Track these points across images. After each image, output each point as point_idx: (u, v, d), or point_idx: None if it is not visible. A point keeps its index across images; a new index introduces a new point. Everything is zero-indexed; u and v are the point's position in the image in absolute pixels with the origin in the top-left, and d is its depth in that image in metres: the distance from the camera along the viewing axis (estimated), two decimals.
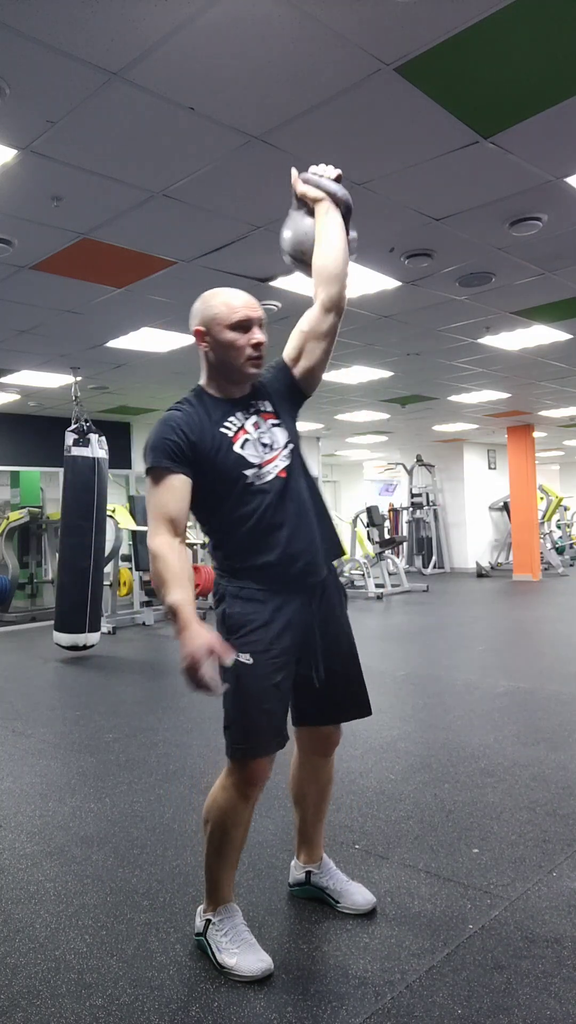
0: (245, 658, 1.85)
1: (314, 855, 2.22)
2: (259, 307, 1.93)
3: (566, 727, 3.87)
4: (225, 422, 1.91)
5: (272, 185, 3.27)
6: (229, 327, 1.87)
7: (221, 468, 1.88)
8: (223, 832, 1.92)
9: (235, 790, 1.90)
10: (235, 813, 1.91)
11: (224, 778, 1.94)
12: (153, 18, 2.17)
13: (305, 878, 2.22)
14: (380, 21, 2.22)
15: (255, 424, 1.95)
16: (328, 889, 2.18)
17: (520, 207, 3.61)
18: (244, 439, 1.91)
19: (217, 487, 1.89)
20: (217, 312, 1.89)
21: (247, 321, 1.88)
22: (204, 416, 1.90)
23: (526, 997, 1.76)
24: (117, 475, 10.09)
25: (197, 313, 1.93)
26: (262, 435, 1.94)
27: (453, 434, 12.66)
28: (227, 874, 1.97)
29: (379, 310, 5.26)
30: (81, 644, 6.27)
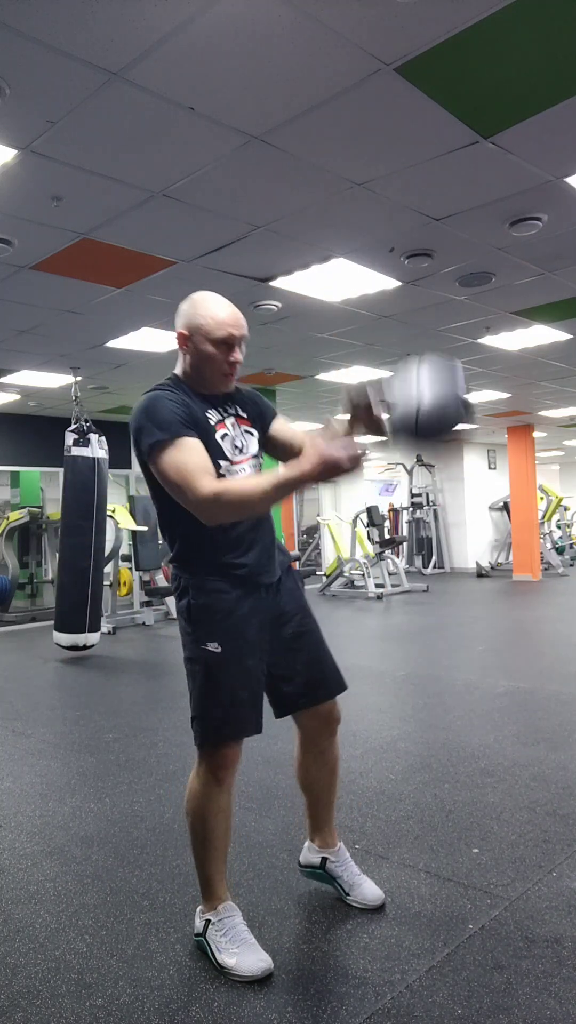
0: (213, 647, 1.89)
1: (329, 840, 2.22)
2: (244, 325, 1.94)
3: (566, 727, 3.87)
4: (207, 411, 1.94)
5: (272, 185, 3.28)
6: (212, 342, 1.89)
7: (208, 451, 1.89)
8: (203, 821, 1.93)
9: (208, 775, 1.92)
10: (212, 799, 1.92)
11: (196, 767, 1.96)
12: (153, 18, 2.17)
13: (320, 863, 2.22)
14: (380, 21, 2.22)
15: (232, 424, 1.99)
16: (340, 879, 2.19)
17: (520, 207, 3.61)
18: (223, 432, 1.95)
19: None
20: (203, 324, 1.90)
21: (230, 339, 1.90)
22: (188, 400, 1.92)
23: (526, 997, 1.76)
24: (117, 475, 10.08)
25: (183, 315, 1.94)
26: (236, 437, 1.98)
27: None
28: (217, 868, 1.96)
29: (379, 310, 5.26)
30: (81, 644, 6.27)
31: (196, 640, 1.92)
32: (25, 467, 9.98)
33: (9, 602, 9.31)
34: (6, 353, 6.27)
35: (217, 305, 1.92)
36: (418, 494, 13.94)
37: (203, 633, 1.91)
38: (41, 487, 10.93)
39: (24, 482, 10.87)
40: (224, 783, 1.93)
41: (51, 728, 4.23)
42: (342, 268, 4.36)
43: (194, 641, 1.93)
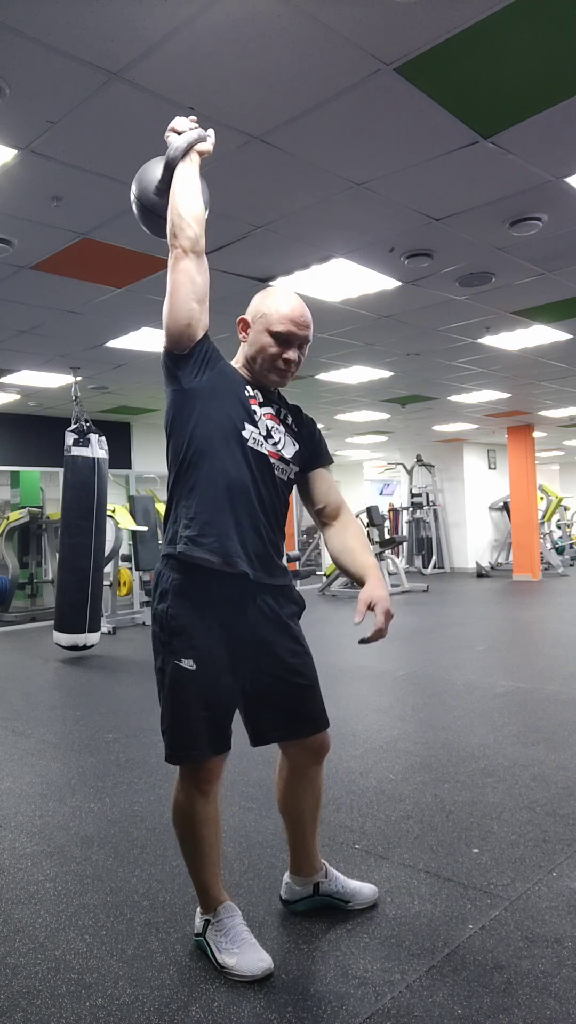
0: (187, 663, 1.81)
1: (316, 864, 2.15)
2: (308, 326, 1.92)
3: (566, 727, 3.87)
4: (247, 388, 1.92)
5: (272, 185, 3.28)
6: (271, 332, 1.88)
7: (229, 407, 1.87)
8: (192, 831, 1.91)
9: (191, 787, 1.89)
10: (198, 810, 1.89)
11: (178, 780, 1.93)
12: (153, 18, 2.17)
13: (314, 890, 2.14)
14: (380, 21, 2.22)
15: (271, 416, 1.94)
16: (338, 894, 2.15)
17: (520, 207, 3.61)
18: (258, 410, 1.91)
19: (213, 431, 1.84)
20: (267, 312, 1.89)
21: (289, 336, 1.89)
22: (229, 371, 1.92)
23: (526, 997, 1.76)
24: (117, 475, 10.09)
25: (251, 304, 1.96)
26: (274, 428, 1.93)
27: (453, 434, 12.66)
28: (211, 875, 1.94)
29: (379, 310, 5.26)
30: (81, 644, 6.27)
31: (172, 652, 1.83)
32: (25, 467, 9.98)
33: (9, 602, 9.31)
34: (6, 353, 6.27)
35: (286, 299, 1.91)
36: (418, 494, 13.94)
37: (179, 646, 1.82)
38: (41, 487, 10.93)
39: (24, 482, 10.87)
40: (209, 794, 1.89)
41: (51, 728, 4.23)
42: (342, 268, 4.36)
43: (169, 652, 1.84)
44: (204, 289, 1.84)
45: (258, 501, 1.88)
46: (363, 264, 4.31)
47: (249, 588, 1.88)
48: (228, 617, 1.86)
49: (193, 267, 1.81)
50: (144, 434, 10.71)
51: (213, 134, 1.93)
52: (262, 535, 1.89)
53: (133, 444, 10.60)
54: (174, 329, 1.82)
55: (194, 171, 1.87)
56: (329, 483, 2.07)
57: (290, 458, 1.95)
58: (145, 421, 10.46)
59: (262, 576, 1.89)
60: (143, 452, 10.70)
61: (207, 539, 1.82)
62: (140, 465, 10.67)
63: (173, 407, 1.90)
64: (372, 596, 1.85)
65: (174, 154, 1.88)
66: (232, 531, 1.83)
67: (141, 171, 2.02)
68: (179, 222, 1.81)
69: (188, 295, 1.81)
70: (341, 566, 2.00)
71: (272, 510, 1.93)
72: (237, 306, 2.78)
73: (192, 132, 1.90)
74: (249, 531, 1.86)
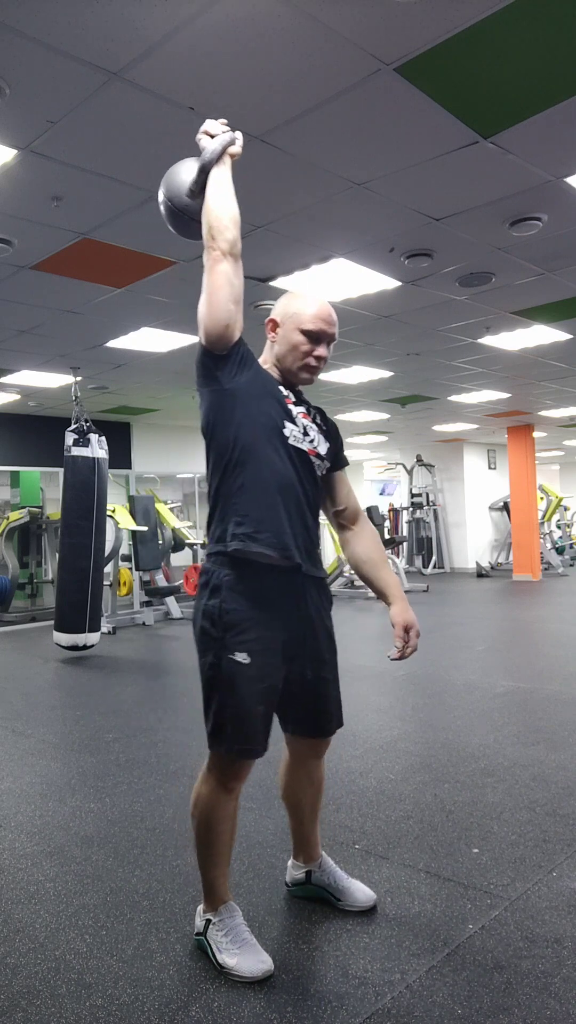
0: (241, 657, 1.84)
1: (313, 854, 2.22)
2: (335, 324, 2.01)
3: (566, 727, 3.87)
4: (281, 387, 1.99)
5: (272, 185, 3.27)
6: (302, 331, 1.95)
7: (269, 406, 1.93)
8: (208, 827, 1.92)
9: (217, 783, 1.90)
10: (219, 806, 1.90)
11: (205, 772, 1.93)
12: (153, 18, 2.17)
13: (306, 877, 2.22)
14: (380, 21, 2.22)
15: (304, 415, 2.01)
16: (329, 887, 2.19)
17: (520, 207, 3.61)
18: (294, 409, 1.98)
19: (257, 430, 1.90)
20: (297, 312, 1.97)
21: (320, 334, 1.96)
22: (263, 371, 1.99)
23: (526, 997, 1.76)
24: (117, 475, 10.08)
25: (278, 305, 2.04)
26: (308, 427, 2.00)
27: (453, 434, 12.66)
28: (220, 871, 1.95)
29: (379, 310, 5.26)
30: (81, 644, 6.27)
31: (224, 646, 1.85)
32: (25, 467, 9.98)
33: (9, 602, 9.31)
34: (6, 353, 6.26)
35: (315, 300, 1.99)
36: (418, 494, 13.94)
37: (233, 640, 1.84)
38: (41, 487, 10.93)
39: (24, 482, 10.87)
40: (233, 792, 1.91)
41: (51, 728, 4.23)
42: (342, 268, 4.35)
43: (222, 647, 1.85)
44: (240, 290, 1.88)
45: (304, 496, 1.95)
46: (363, 264, 4.30)
47: (300, 581, 1.95)
48: (281, 610, 1.92)
49: (231, 269, 1.85)
50: (144, 434, 10.72)
51: (241, 136, 1.97)
52: (308, 528, 1.97)
53: (133, 444, 10.60)
54: (214, 330, 1.85)
55: (228, 174, 1.92)
56: (349, 486, 2.15)
57: (324, 455, 2.03)
58: (145, 421, 10.46)
59: (310, 568, 1.97)
60: (143, 452, 10.70)
61: (263, 535, 1.87)
62: (140, 465, 10.67)
63: (212, 408, 1.94)
64: (407, 621, 2.00)
65: (210, 157, 1.91)
66: (286, 526, 1.90)
67: (169, 174, 2.04)
68: (217, 225, 1.86)
69: (227, 296, 1.84)
70: (362, 575, 2.10)
71: (315, 504, 2.01)
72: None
73: (225, 135, 1.93)
74: (298, 525, 1.93)
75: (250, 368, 1.92)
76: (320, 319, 1.96)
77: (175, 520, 9.60)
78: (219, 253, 1.84)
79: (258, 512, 1.88)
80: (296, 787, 2.15)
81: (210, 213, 1.88)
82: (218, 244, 1.85)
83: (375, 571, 2.06)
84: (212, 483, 1.95)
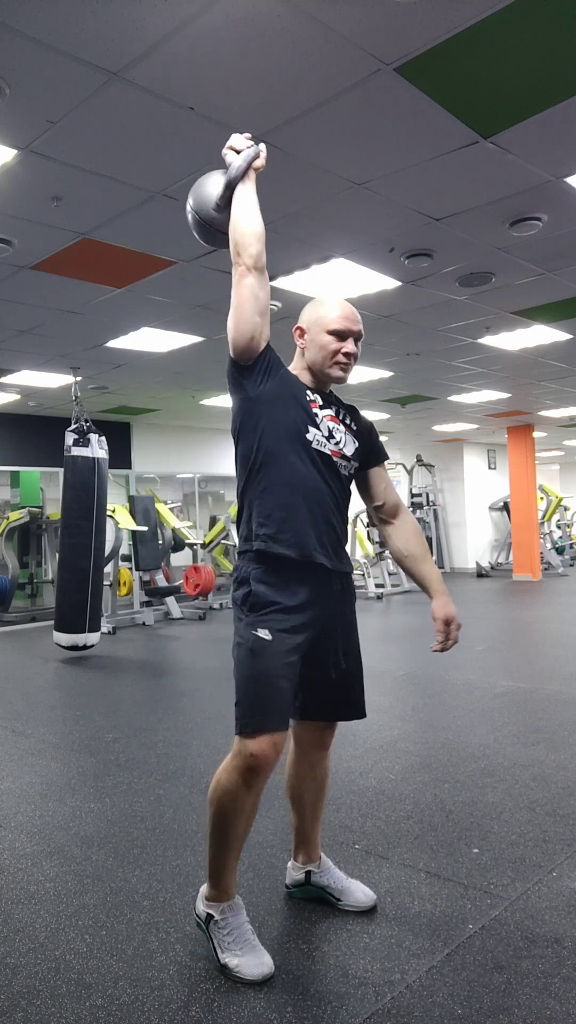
0: (264, 633, 1.90)
1: (313, 855, 2.22)
2: (359, 321, 2.09)
3: (566, 727, 3.87)
4: (308, 392, 2.04)
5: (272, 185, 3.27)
6: (328, 331, 2.03)
7: (293, 412, 1.98)
8: (224, 818, 1.92)
9: (238, 775, 1.89)
10: (237, 798, 1.90)
11: (230, 760, 1.93)
12: (153, 18, 2.17)
13: (305, 878, 2.22)
14: (380, 21, 2.22)
15: (331, 417, 2.06)
16: (329, 888, 2.19)
17: (520, 207, 3.61)
18: (319, 413, 2.03)
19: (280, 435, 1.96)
20: (321, 315, 2.05)
21: (346, 332, 2.04)
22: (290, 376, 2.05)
23: (526, 997, 1.76)
24: (117, 475, 10.09)
25: (304, 314, 2.11)
26: (335, 429, 2.05)
27: (453, 434, 12.67)
28: (229, 862, 1.96)
29: (379, 310, 5.26)
30: (81, 644, 6.27)
31: (249, 624, 1.93)
32: (25, 467, 9.98)
33: (9, 602, 9.31)
34: (6, 353, 6.26)
35: (337, 302, 2.08)
36: (418, 494, 13.94)
37: (256, 619, 1.92)
38: (41, 487, 10.93)
39: (24, 482, 10.87)
40: (253, 788, 1.91)
41: (51, 728, 4.23)
42: (342, 268, 4.36)
43: (247, 625, 1.93)
44: (266, 303, 1.95)
45: (329, 496, 2.01)
46: (363, 264, 4.30)
47: (325, 574, 2.01)
48: (305, 600, 1.97)
49: (256, 283, 1.92)
50: (144, 434, 10.71)
51: (265, 149, 2.02)
52: (334, 527, 2.03)
53: (133, 444, 10.60)
54: (240, 342, 1.93)
55: (252, 189, 1.99)
56: (387, 481, 2.20)
57: (351, 455, 2.08)
58: (145, 421, 10.46)
59: (336, 564, 2.03)
60: (143, 452, 10.70)
61: (284, 535, 1.95)
62: (140, 465, 10.67)
63: (240, 414, 2.02)
64: (448, 615, 2.08)
65: (236, 174, 1.97)
66: (307, 527, 1.96)
67: (197, 185, 2.10)
68: (242, 240, 1.94)
69: (252, 310, 1.91)
70: (405, 568, 2.18)
71: (341, 503, 2.07)
72: None
73: (250, 150, 1.99)
74: (323, 524, 1.99)
75: (275, 375, 1.99)
76: (344, 318, 2.04)
77: (175, 520, 9.60)
78: (244, 268, 1.92)
79: (281, 513, 1.95)
80: (300, 780, 2.18)
81: (236, 229, 1.96)
82: (243, 260, 1.92)
83: (417, 565, 2.14)
84: (239, 485, 2.05)
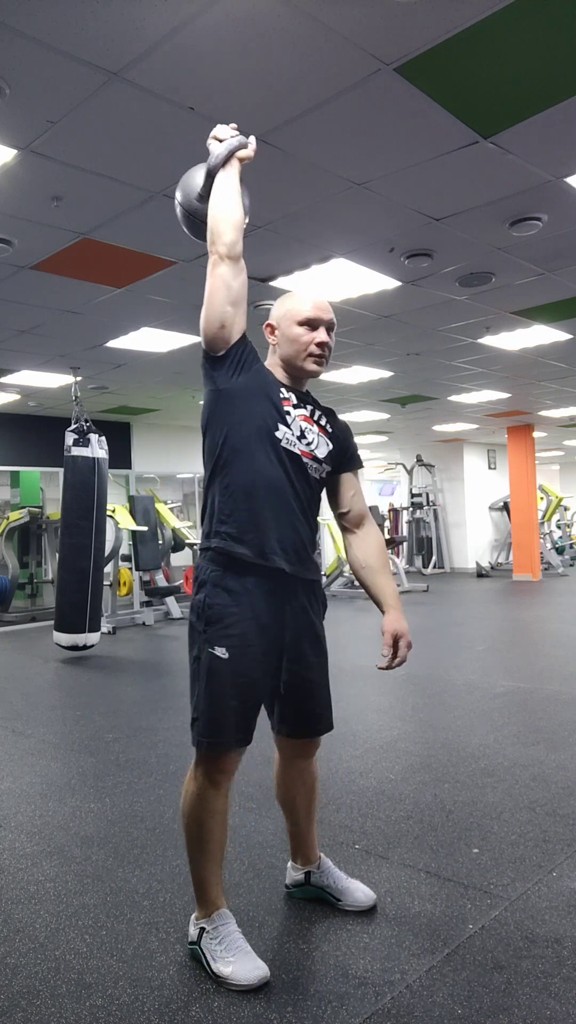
0: (221, 652, 1.86)
1: (311, 856, 2.21)
2: (330, 310, 2.02)
3: (566, 727, 3.87)
4: (282, 390, 1.99)
5: (272, 185, 3.27)
6: (297, 323, 1.97)
7: (263, 408, 1.93)
8: (199, 824, 1.91)
9: (204, 778, 1.90)
10: (207, 801, 1.89)
11: (193, 767, 1.94)
12: (153, 18, 2.17)
13: (305, 879, 2.21)
14: (380, 21, 2.22)
15: (305, 417, 2.00)
16: (329, 888, 2.18)
17: (520, 207, 3.61)
18: (291, 412, 1.97)
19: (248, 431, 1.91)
20: (290, 308, 2.00)
21: (315, 320, 1.98)
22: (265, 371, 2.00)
23: (526, 997, 1.76)
24: (117, 475, 10.08)
25: (273, 310, 2.06)
26: (307, 429, 2.00)
27: (453, 434, 12.66)
28: (212, 872, 1.94)
29: (379, 310, 5.26)
30: (81, 644, 6.27)
31: (207, 640, 1.88)
32: (25, 467, 9.98)
33: (9, 602, 9.31)
34: (6, 353, 6.26)
35: (304, 295, 2.03)
36: (418, 494, 13.94)
37: (214, 635, 1.87)
38: (41, 487, 10.93)
39: (24, 482, 10.86)
40: (221, 787, 1.90)
41: (51, 728, 4.23)
42: (342, 268, 4.35)
43: (204, 641, 1.89)
44: (240, 293, 1.90)
45: (294, 498, 1.94)
46: (363, 264, 4.30)
47: (285, 582, 1.94)
48: (263, 609, 1.91)
49: (229, 272, 1.87)
50: (144, 434, 10.71)
51: (254, 140, 1.98)
52: (298, 530, 1.95)
53: (133, 444, 10.60)
54: (209, 331, 1.90)
55: (234, 178, 1.93)
56: (356, 489, 2.13)
57: (323, 458, 2.02)
58: (145, 421, 10.46)
59: (298, 570, 1.96)
60: (143, 452, 10.70)
61: (244, 535, 1.90)
62: (140, 465, 10.67)
63: (209, 406, 1.98)
64: (397, 631, 1.98)
65: (215, 162, 1.94)
66: (268, 527, 1.90)
67: (185, 177, 2.08)
68: (218, 227, 1.89)
69: (223, 299, 1.87)
70: (360, 581, 2.09)
71: (308, 507, 2.00)
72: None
73: (233, 139, 1.95)
74: (286, 527, 1.93)
75: (249, 370, 1.94)
76: (315, 307, 1.98)
77: (175, 520, 9.60)
78: (218, 256, 1.87)
79: (241, 513, 1.90)
80: (288, 787, 2.15)
81: (212, 216, 1.91)
82: (217, 247, 1.87)
83: (372, 577, 2.04)
84: (205, 480, 2.00)
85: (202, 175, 2.00)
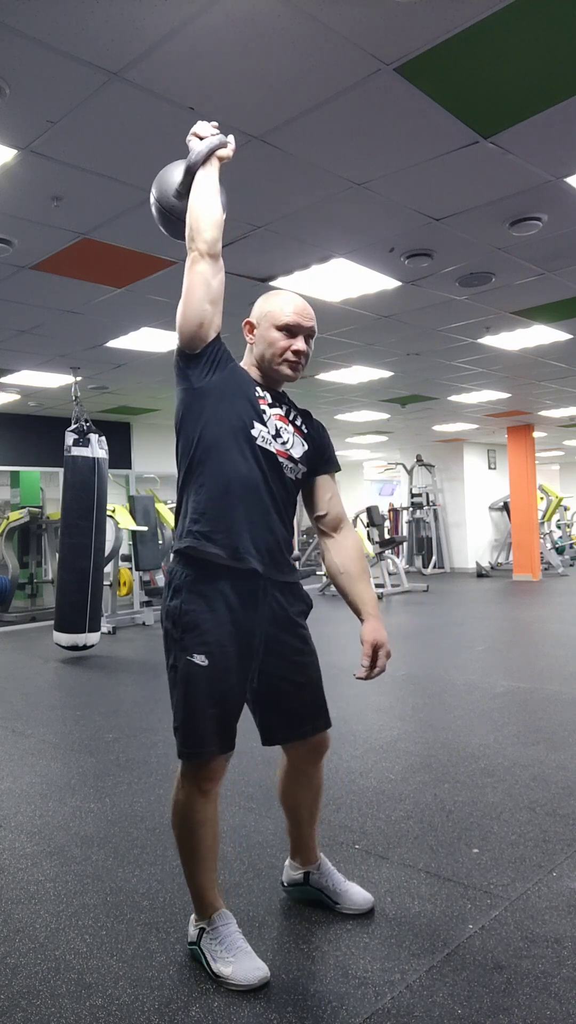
0: (199, 659, 1.84)
1: (311, 857, 2.20)
2: (312, 318, 1.99)
3: (566, 727, 3.87)
4: (258, 389, 1.97)
5: (272, 185, 3.28)
6: (277, 327, 1.94)
7: (239, 406, 1.91)
8: (190, 832, 1.90)
9: (191, 786, 1.89)
10: (196, 810, 1.89)
11: (179, 776, 1.93)
12: (153, 18, 2.17)
13: (303, 879, 2.21)
14: (380, 21, 2.22)
15: (280, 416, 1.98)
16: (327, 890, 2.17)
17: (520, 207, 3.61)
18: (267, 411, 1.95)
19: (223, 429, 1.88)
20: (271, 310, 1.96)
21: (295, 327, 1.95)
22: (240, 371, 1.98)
23: (526, 997, 1.76)
24: (117, 475, 10.09)
25: (254, 308, 2.02)
26: (283, 429, 1.97)
27: (453, 434, 12.66)
28: (207, 878, 1.93)
29: (379, 310, 5.26)
30: (81, 644, 6.27)
31: (183, 648, 1.86)
32: (25, 467, 9.98)
33: (9, 602, 9.31)
34: (6, 353, 6.27)
35: (287, 297, 2.00)
36: (418, 494, 13.94)
37: (191, 642, 1.84)
38: (41, 487, 10.92)
39: (24, 482, 10.86)
40: (209, 794, 1.89)
41: (51, 728, 4.23)
42: (342, 268, 4.36)
43: (181, 649, 1.86)
44: (218, 291, 1.89)
45: (269, 497, 1.91)
46: (363, 264, 4.30)
47: (260, 584, 1.91)
48: (239, 613, 1.88)
49: (208, 270, 1.85)
50: (144, 434, 10.72)
51: (233, 140, 1.98)
52: (273, 531, 1.93)
53: (133, 444, 10.60)
54: (186, 329, 1.87)
55: (214, 176, 1.92)
56: (333, 492, 2.10)
57: (298, 458, 1.99)
58: (145, 421, 10.46)
59: (272, 572, 1.92)
60: (143, 452, 10.70)
61: (217, 535, 1.86)
62: (140, 465, 10.67)
63: (183, 405, 1.95)
64: (376, 640, 1.97)
65: (195, 159, 1.93)
66: (242, 527, 1.87)
67: (161, 174, 2.06)
68: (197, 224, 1.87)
69: (202, 297, 1.85)
70: (338, 587, 2.04)
71: (283, 507, 1.97)
72: (237, 306, 2.79)
73: (213, 138, 1.94)
74: (260, 527, 1.89)
75: (224, 368, 1.92)
76: (295, 313, 1.95)
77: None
78: (197, 253, 1.86)
79: (215, 511, 1.87)
80: (294, 792, 2.13)
81: (192, 214, 1.90)
82: (197, 245, 1.87)
83: (350, 584, 2.00)
84: (178, 480, 1.97)
85: (179, 172, 1.99)
